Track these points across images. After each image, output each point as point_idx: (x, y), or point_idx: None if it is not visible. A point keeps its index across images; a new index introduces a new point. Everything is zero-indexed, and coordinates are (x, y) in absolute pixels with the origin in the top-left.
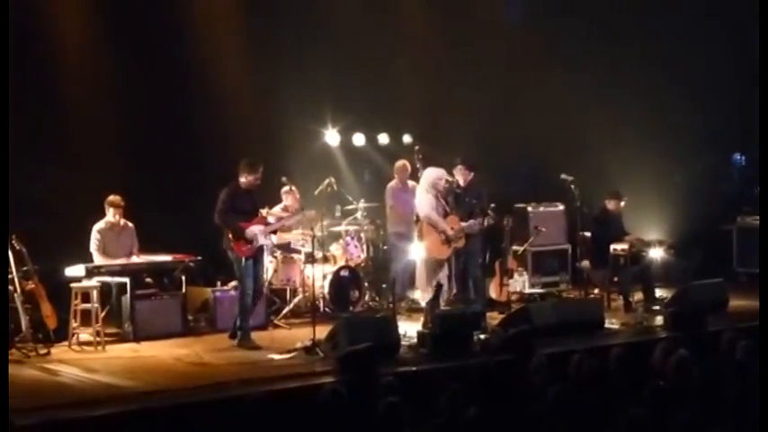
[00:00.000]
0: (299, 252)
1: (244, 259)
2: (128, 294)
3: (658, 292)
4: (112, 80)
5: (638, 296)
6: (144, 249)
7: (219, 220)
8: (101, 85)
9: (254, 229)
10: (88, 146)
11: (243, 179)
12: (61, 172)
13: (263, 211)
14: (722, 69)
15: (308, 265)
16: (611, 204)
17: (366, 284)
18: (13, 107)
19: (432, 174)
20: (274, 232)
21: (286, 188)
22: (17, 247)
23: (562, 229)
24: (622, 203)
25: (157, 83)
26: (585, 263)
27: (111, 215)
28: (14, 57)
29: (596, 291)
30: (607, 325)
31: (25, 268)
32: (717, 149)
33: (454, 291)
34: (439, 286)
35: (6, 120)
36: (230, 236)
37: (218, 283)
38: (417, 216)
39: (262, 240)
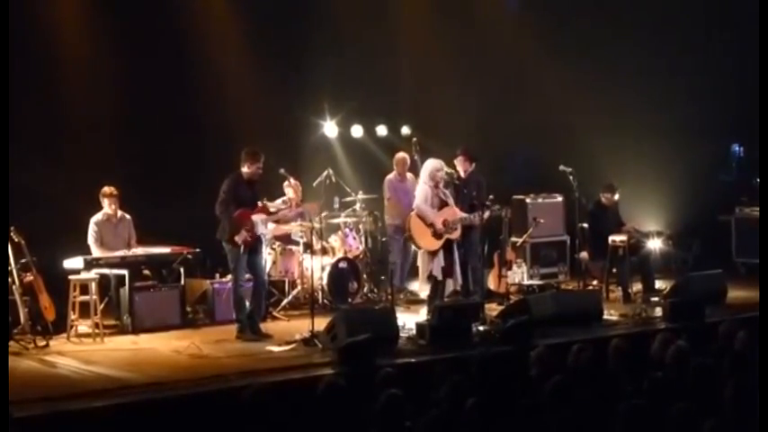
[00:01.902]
0: (297, 244)
1: (239, 251)
2: (126, 286)
3: (657, 283)
4: (111, 72)
5: (637, 287)
6: (143, 241)
7: (220, 210)
8: (99, 77)
9: (254, 219)
10: (87, 138)
11: (246, 169)
12: (60, 164)
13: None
14: (721, 60)
15: (307, 257)
16: (605, 198)
17: (365, 276)
18: (11, 100)
19: (430, 165)
20: (277, 222)
21: (286, 181)
22: (16, 239)
23: (561, 220)
24: (616, 197)
25: (156, 75)
26: (584, 254)
27: (106, 206)
28: (13, 51)
29: (595, 282)
30: (606, 316)
31: (24, 260)
32: (715, 140)
33: (460, 282)
34: (431, 278)
35: (6, 114)
36: (228, 227)
37: (217, 275)
38: None
39: (261, 230)
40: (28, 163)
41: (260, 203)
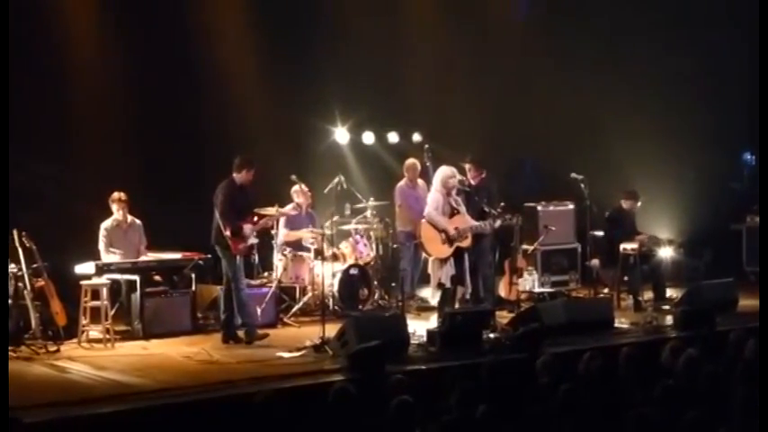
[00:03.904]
0: (308, 250)
1: (238, 257)
2: (137, 292)
3: (668, 292)
4: (122, 78)
5: (648, 295)
6: (154, 247)
7: (224, 218)
8: (110, 83)
9: (247, 229)
10: (98, 143)
11: (242, 175)
12: (71, 169)
13: (274, 209)
14: (734, 67)
15: (318, 264)
16: (626, 204)
17: (375, 283)
18: (21, 105)
19: (443, 172)
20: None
21: (296, 187)
22: (27, 245)
23: (572, 228)
24: (638, 203)
25: (167, 81)
26: (595, 262)
27: (116, 212)
28: (23, 57)
29: (606, 290)
30: (617, 324)
31: (35, 265)
32: (728, 148)
33: (469, 290)
34: (441, 285)
35: (6, 118)
36: (228, 233)
37: None
38: None
39: (252, 239)
40: (39, 168)
41: (271, 210)
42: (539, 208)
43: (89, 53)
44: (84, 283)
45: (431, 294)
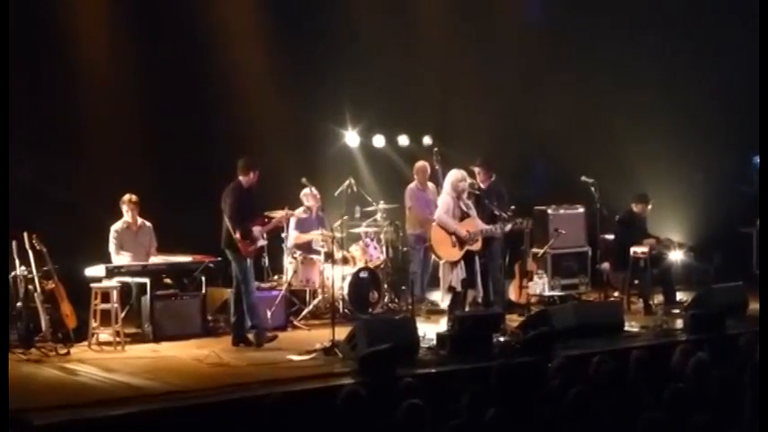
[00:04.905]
0: (318, 253)
1: (248, 260)
2: (148, 295)
3: (678, 295)
4: (134, 80)
5: (659, 299)
6: (164, 250)
7: (233, 221)
8: (122, 85)
9: (256, 231)
10: (109, 146)
11: (249, 177)
12: (82, 172)
13: (284, 212)
14: (745, 69)
15: (328, 267)
16: (637, 207)
17: (385, 286)
18: (33, 107)
19: (453, 175)
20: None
21: (306, 190)
22: (38, 247)
23: (582, 231)
24: (649, 207)
25: (178, 83)
26: (605, 265)
27: (126, 214)
28: (35, 58)
29: (616, 293)
30: (627, 327)
31: (46, 268)
32: (738, 151)
33: (480, 293)
34: (451, 289)
35: (6, 119)
36: (238, 236)
37: None
38: None
39: (261, 241)
40: (50, 171)
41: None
42: (549, 211)
43: (100, 55)
44: (94, 285)
45: (441, 298)
